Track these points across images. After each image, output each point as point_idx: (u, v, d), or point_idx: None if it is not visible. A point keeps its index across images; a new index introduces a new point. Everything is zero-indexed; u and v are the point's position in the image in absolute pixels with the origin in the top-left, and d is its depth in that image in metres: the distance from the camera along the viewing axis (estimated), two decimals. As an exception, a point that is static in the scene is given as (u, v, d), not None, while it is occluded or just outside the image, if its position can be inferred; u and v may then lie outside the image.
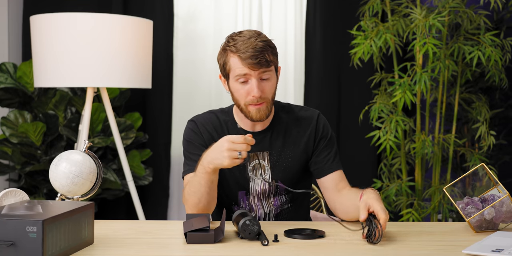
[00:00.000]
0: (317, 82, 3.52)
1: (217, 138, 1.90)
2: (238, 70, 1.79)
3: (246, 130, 1.92)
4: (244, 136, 1.65)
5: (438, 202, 3.03)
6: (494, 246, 1.47)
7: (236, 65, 1.80)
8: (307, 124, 1.94)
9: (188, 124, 1.97)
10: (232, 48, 1.80)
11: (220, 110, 1.98)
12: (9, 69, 3.29)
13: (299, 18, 3.60)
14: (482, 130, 3.05)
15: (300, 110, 1.98)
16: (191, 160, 1.91)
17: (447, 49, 3.04)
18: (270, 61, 1.80)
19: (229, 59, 1.81)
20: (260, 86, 1.80)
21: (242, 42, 1.79)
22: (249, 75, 1.79)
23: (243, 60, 1.77)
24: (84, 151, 1.76)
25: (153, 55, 3.41)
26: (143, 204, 3.39)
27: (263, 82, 1.81)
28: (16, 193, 1.64)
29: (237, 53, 1.78)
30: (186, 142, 1.95)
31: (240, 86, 1.82)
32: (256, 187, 1.91)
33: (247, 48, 1.77)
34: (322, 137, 1.94)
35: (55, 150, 3.29)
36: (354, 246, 1.55)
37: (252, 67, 1.77)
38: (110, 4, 3.52)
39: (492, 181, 1.80)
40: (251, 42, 1.78)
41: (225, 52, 1.83)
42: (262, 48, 1.78)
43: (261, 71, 1.79)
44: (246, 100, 1.82)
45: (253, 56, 1.76)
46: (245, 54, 1.77)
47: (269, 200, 1.93)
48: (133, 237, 1.64)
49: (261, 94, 1.80)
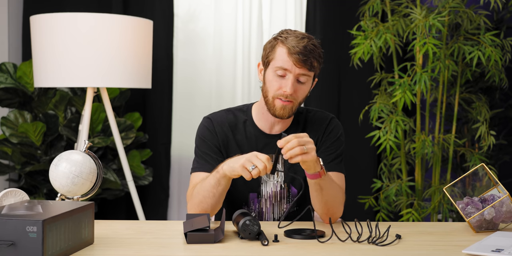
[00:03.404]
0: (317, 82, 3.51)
1: (232, 138, 1.89)
2: (281, 62, 1.79)
3: (264, 131, 1.91)
4: (268, 156, 1.64)
5: (438, 202, 3.03)
6: (494, 246, 1.47)
7: (281, 56, 1.79)
8: (319, 127, 1.94)
9: (203, 121, 1.94)
10: (284, 40, 1.80)
11: (238, 109, 1.96)
12: (9, 69, 3.29)
13: (299, 18, 3.60)
14: (482, 130, 3.05)
15: (315, 113, 1.97)
16: (202, 158, 1.89)
17: (447, 49, 3.04)
18: (313, 66, 1.80)
19: (277, 48, 1.81)
20: (294, 85, 1.80)
21: (295, 38, 1.80)
22: (289, 71, 1.79)
23: (290, 53, 1.77)
24: (84, 151, 1.76)
25: (153, 55, 3.41)
26: (143, 204, 3.39)
27: (298, 84, 1.82)
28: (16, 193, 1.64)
29: (287, 45, 1.78)
30: (199, 139, 1.92)
31: (275, 78, 1.81)
32: (268, 189, 1.90)
33: (299, 44, 1.77)
34: (329, 137, 1.93)
35: (55, 150, 3.29)
36: (354, 246, 1.55)
37: (296, 62, 1.77)
38: (110, 4, 3.52)
39: (492, 181, 1.80)
40: (304, 41, 1.79)
41: (275, 41, 1.83)
42: (312, 50, 1.78)
43: (302, 71, 1.79)
44: (276, 93, 1.81)
45: (301, 53, 1.77)
46: (295, 48, 1.77)
47: (282, 206, 1.91)
48: (133, 237, 1.64)
49: (293, 93, 1.80)
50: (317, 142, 1.92)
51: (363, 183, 3.46)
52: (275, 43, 1.82)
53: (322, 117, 1.96)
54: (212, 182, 1.75)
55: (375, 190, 3.36)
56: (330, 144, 1.92)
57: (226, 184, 1.76)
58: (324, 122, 1.95)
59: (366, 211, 3.36)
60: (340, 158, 1.94)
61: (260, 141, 1.90)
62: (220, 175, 1.73)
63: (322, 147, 1.92)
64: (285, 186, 1.90)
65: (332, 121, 1.95)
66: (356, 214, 3.28)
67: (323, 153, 1.91)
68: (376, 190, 3.35)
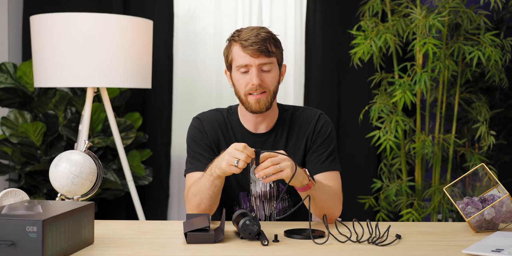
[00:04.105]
0: (317, 82, 3.52)
1: (221, 137, 1.90)
2: (240, 59, 1.81)
3: (250, 131, 1.92)
4: (244, 144, 1.63)
5: (438, 202, 3.03)
6: (494, 246, 1.47)
7: (238, 54, 1.81)
8: (307, 124, 1.93)
9: (193, 121, 1.96)
10: (236, 38, 1.83)
11: (226, 109, 1.98)
12: (9, 69, 3.29)
13: (299, 18, 3.60)
14: (482, 130, 3.05)
15: (303, 111, 1.96)
16: (194, 158, 1.90)
17: (447, 49, 3.04)
18: (271, 52, 1.81)
19: (232, 48, 1.84)
20: (260, 76, 1.81)
21: (245, 32, 1.82)
22: (250, 65, 1.80)
23: (244, 47, 1.80)
24: (84, 151, 1.76)
25: (153, 55, 3.41)
26: (143, 204, 3.39)
27: (264, 73, 1.82)
28: (16, 193, 1.64)
29: (239, 41, 1.81)
30: (190, 139, 1.94)
31: (241, 76, 1.83)
32: (257, 188, 1.90)
33: (250, 36, 1.80)
34: (319, 135, 1.91)
35: (55, 150, 3.29)
36: (354, 246, 1.55)
37: (252, 53, 1.78)
38: (110, 4, 3.52)
39: (492, 181, 1.80)
40: (254, 32, 1.81)
41: (229, 42, 1.86)
42: (264, 37, 1.80)
43: (261, 61, 1.80)
44: (245, 90, 1.82)
45: (254, 42, 1.78)
46: (247, 41, 1.79)
47: (271, 203, 1.92)
48: (133, 237, 1.64)
49: (261, 83, 1.80)
50: (306, 141, 1.92)
51: (363, 183, 3.46)
52: (229, 44, 1.86)
53: (310, 114, 1.95)
54: (207, 184, 1.75)
55: (375, 190, 3.36)
56: (321, 142, 1.91)
57: (220, 184, 1.77)
58: (313, 119, 1.93)
59: (366, 211, 3.36)
60: (333, 156, 1.92)
61: (248, 140, 1.90)
62: (214, 177, 1.73)
63: (313, 146, 1.91)
64: (274, 186, 1.90)
65: (320, 118, 1.94)
66: (356, 214, 3.28)
67: (315, 153, 1.90)
68: (376, 190, 3.35)
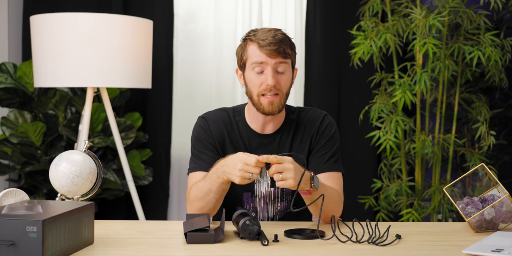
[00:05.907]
0: (317, 82, 3.52)
1: (227, 136, 1.90)
2: (256, 57, 1.80)
3: (256, 131, 1.92)
4: (256, 159, 1.63)
5: (438, 202, 3.03)
6: (494, 246, 1.47)
7: (254, 53, 1.81)
8: (312, 125, 1.93)
9: (198, 121, 1.95)
10: (252, 37, 1.82)
11: (232, 109, 1.97)
12: (9, 69, 3.29)
13: (299, 18, 3.60)
14: (482, 130, 3.05)
15: (308, 112, 1.97)
16: (198, 158, 1.89)
17: (447, 49, 3.04)
18: (287, 53, 1.81)
19: (248, 47, 1.83)
20: (275, 77, 1.81)
21: (262, 32, 1.82)
22: (266, 63, 1.80)
23: (261, 46, 1.79)
24: (84, 151, 1.76)
25: (153, 55, 3.41)
26: (143, 204, 3.39)
27: (278, 74, 1.82)
28: (16, 193, 1.64)
29: (257, 40, 1.80)
30: (195, 138, 1.93)
31: (255, 75, 1.82)
32: (261, 189, 1.90)
33: (267, 36, 1.80)
34: (323, 135, 1.92)
35: (55, 150, 3.29)
36: (354, 246, 1.55)
37: (269, 53, 1.78)
38: (110, 4, 3.52)
39: (492, 181, 1.80)
40: (272, 32, 1.81)
41: (245, 42, 1.85)
42: (282, 39, 1.81)
43: (278, 61, 1.80)
44: (259, 90, 1.82)
45: (272, 43, 1.78)
46: (265, 41, 1.79)
47: (275, 205, 1.92)
48: (133, 237, 1.64)
49: (276, 84, 1.80)
50: (311, 141, 1.92)
51: (363, 183, 3.46)
52: (245, 44, 1.85)
53: (315, 115, 1.95)
54: (214, 188, 1.74)
55: (375, 190, 3.36)
56: (325, 142, 1.92)
57: (227, 187, 1.77)
58: (317, 120, 1.94)
59: (366, 211, 3.36)
60: (336, 157, 1.92)
61: (254, 141, 1.90)
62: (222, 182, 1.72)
63: (316, 146, 1.92)
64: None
65: (325, 119, 1.95)
66: (356, 214, 3.28)
67: (318, 153, 1.91)
68: (376, 190, 3.35)
